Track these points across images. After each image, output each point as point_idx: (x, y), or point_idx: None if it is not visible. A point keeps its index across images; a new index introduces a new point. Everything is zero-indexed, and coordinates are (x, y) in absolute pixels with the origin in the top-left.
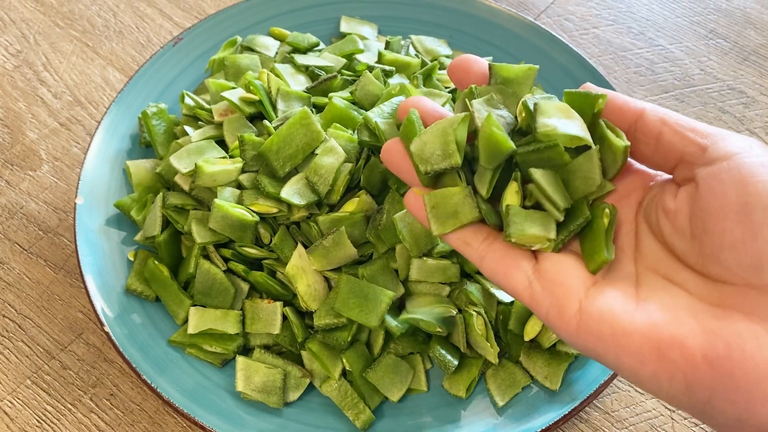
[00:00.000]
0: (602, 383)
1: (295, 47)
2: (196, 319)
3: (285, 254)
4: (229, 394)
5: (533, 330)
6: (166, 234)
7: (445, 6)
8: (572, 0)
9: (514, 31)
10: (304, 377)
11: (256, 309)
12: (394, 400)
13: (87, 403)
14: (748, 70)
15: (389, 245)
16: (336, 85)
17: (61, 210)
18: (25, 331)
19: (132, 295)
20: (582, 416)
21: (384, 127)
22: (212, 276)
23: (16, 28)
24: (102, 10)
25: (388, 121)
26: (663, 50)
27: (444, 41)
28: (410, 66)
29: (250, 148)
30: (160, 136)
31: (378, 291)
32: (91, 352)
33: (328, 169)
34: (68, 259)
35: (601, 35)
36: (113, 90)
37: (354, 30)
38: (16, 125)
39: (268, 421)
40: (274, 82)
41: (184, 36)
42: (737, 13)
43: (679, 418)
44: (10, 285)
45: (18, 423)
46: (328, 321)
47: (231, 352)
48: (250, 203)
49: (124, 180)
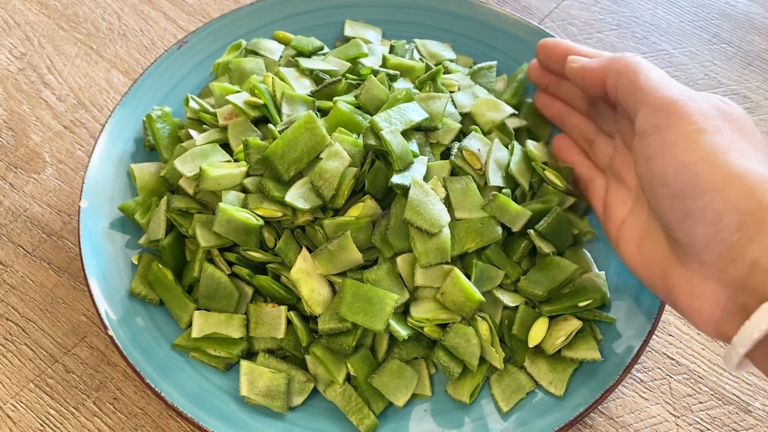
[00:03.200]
0: (607, 389)
1: (299, 51)
2: (200, 323)
3: (289, 258)
4: (232, 399)
5: (537, 336)
6: (170, 237)
7: (449, 10)
8: (576, 4)
9: (518, 36)
10: (308, 382)
11: (260, 313)
12: (399, 405)
13: (90, 407)
14: (752, 75)
15: (397, 250)
16: (340, 88)
17: (65, 213)
18: (29, 334)
19: (136, 299)
20: (587, 422)
21: (389, 137)
22: (216, 280)
23: (20, 30)
24: (106, 13)
25: (394, 129)
26: (667, 55)
27: (448, 45)
28: (414, 70)
29: (254, 151)
30: (165, 140)
31: (382, 295)
32: (95, 356)
33: (333, 173)
34: (72, 263)
35: (604, 39)
36: (117, 93)
37: (358, 34)
38: (20, 128)
39: (272, 425)
40: (279, 86)
41: (188, 39)
42: (741, 18)
43: (684, 423)
44: (14, 288)
45: (21, 426)
46: (332, 325)
47: (235, 356)
48: (255, 207)
49: (128, 183)
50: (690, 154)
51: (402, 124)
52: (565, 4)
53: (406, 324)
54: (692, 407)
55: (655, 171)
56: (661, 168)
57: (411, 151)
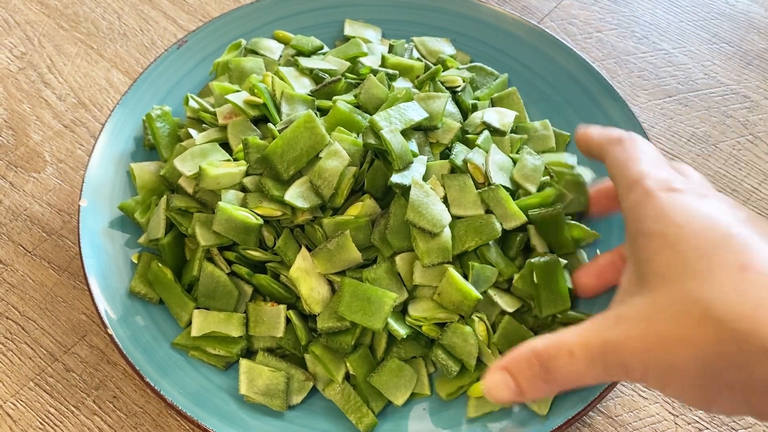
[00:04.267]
0: (606, 387)
1: (299, 50)
2: (199, 322)
3: (289, 257)
4: (232, 397)
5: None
6: (169, 237)
7: (449, 9)
8: (576, 4)
9: (517, 35)
10: (307, 380)
11: (259, 312)
12: (398, 404)
13: (90, 406)
14: (751, 74)
15: (396, 249)
16: (340, 88)
17: (65, 212)
18: (29, 333)
19: (135, 298)
20: (585, 420)
21: (389, 136)
22: (216, 279)
23: (20, 30)
24: (106, 12)
25: (394, 128)
26: (667, 54)
27: (447, 40)
28: (414, 69)
29: (254, 151)
30: (164, 139)
31: (381, 294)
32: (95, 355)
33: (332, 172)
34: (72, 262)
35: (604, 39)
36: (117, 92)
37: (358, 33)
38: (21, 127)
39: (271, 424)
40: (278, 85)
41: (188, 39)
42: (741, 17)
43: (683, 423)
44: (14, 287)
45: (21, 425)
46: (331, 324)
47: (234, 355)
48: (254, 206)
49: (128, 182)
50: None
51: (401, 123)
52: (564, 3)
53: (404, 323)
54: (691, 406)
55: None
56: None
57: (411, 151)
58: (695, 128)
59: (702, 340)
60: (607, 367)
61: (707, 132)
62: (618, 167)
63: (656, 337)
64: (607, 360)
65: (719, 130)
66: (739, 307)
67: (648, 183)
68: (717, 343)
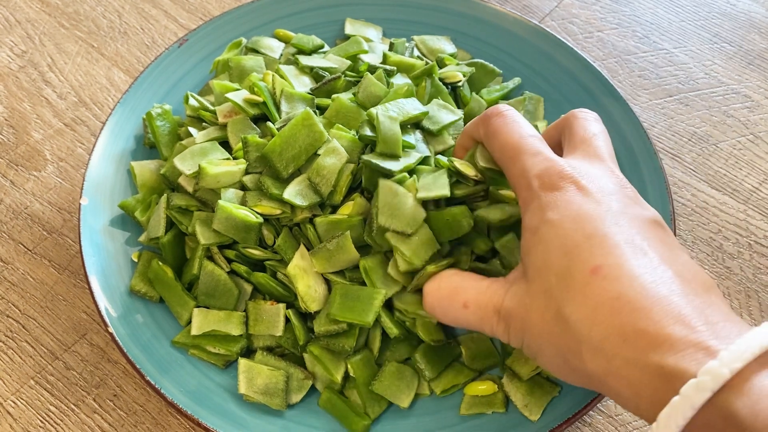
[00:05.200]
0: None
1: (300, 49)
2: (199, 321)
3: (288, 256)
4: (231, 396)
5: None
6: (170, 235)
7: (450, 8)
8: (577, 3)
9: (518, 35)
10: (306, 379)
11: (259, 311)
12: (404, 406)
13: (90, 404)
14: (752, 74)
15: (387, 248)
16: (339, 86)
17: (66, 210)
18: (29, 331)
19: (136, 296)
20: (585, 420)
21: (383, 119)
22: (216, 277)
23: (21, 28)
24: (107, 11)
25: (389, 114)
26: (667, 54)
27: (448, 39)
28: (414, 68)
29: (253, 149)
30: (165, 137)
31: (370, 291)
32: (95, 353)
33: (331, 169)
34: (72, 260)
35: (605, 38)
36: (118, 91)
37: (359, 32)
38: (21, 125)
39: (270, 422)
40: (279, 84)
41: (188, 37)
42: (742, 17)
43: None
44: (15, 285)
45: (21, 423)
46: (327, 328)
47: (234, 354)
48: (254, 204)
49: (128, 181)
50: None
51: (399, 116)
52: (565, 2)
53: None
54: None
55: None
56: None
57: (403, 141)
58: (696, 128)
59: (556, 335)
60: (492, 330)
61: (708, 131)
62: (502, 163)
63: (528, 323)
64: (492, 325)
65: (720, 129)
66: (581, 310)
67: (531, 182)
68: (566, 338)
